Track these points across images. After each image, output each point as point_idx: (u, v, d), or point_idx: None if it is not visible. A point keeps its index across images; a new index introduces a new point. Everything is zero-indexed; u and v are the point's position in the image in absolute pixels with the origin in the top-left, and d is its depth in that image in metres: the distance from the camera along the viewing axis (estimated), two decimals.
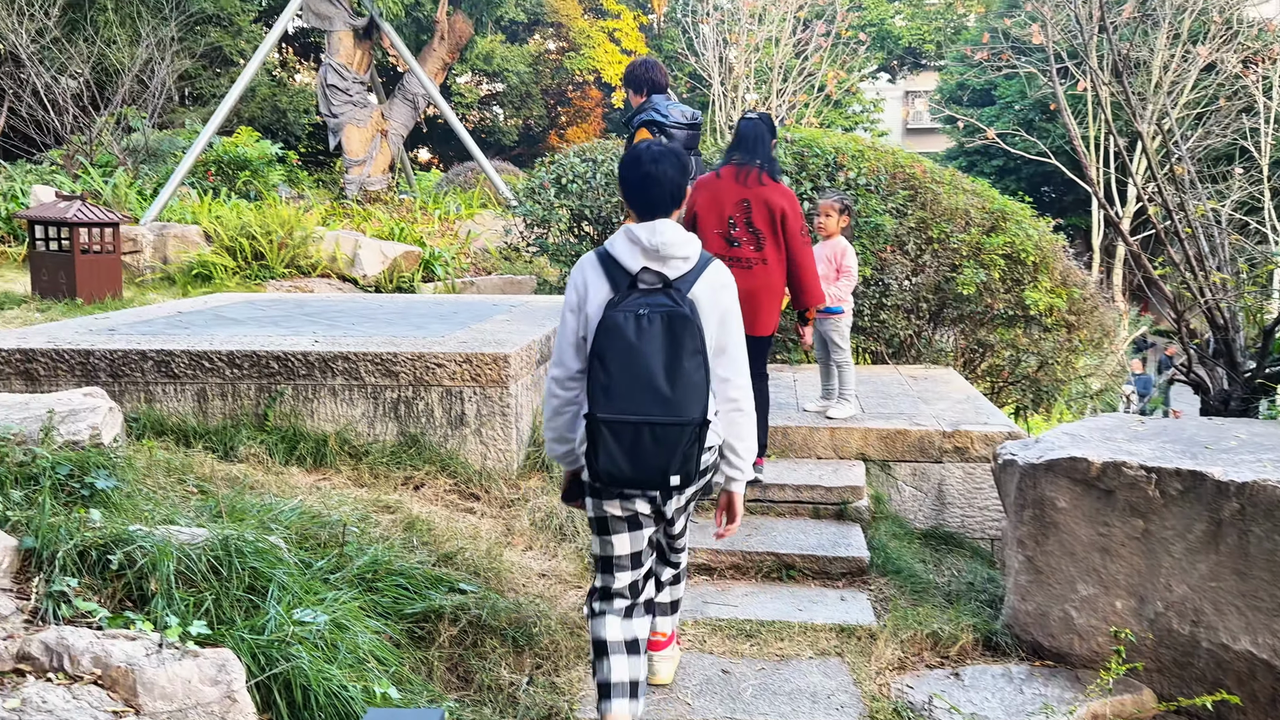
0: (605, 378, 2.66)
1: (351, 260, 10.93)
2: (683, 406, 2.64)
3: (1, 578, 2.73)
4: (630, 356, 2.64)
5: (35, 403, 3.96)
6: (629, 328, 2.65)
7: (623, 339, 2.64)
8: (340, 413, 4.93)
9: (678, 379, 2.64)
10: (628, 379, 2.65)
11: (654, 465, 2.65)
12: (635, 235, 2.79)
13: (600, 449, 2.67)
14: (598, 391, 2.67)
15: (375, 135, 15.07)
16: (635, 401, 2.64)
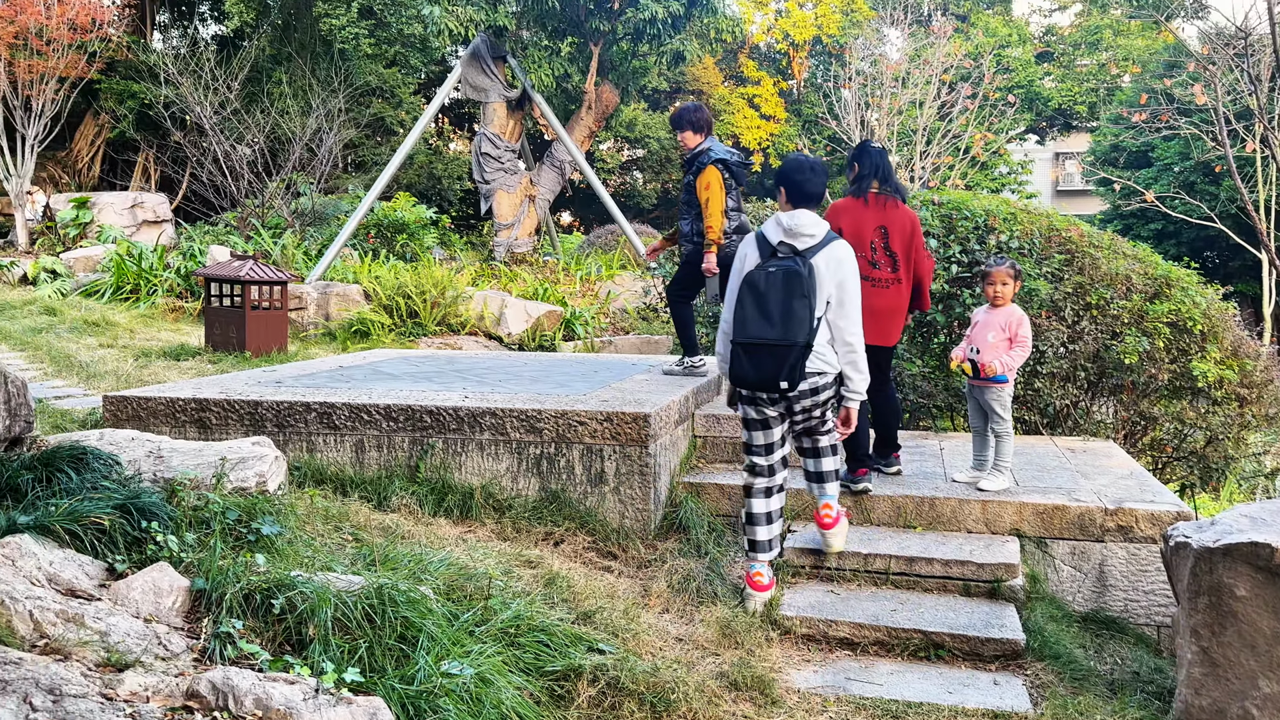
0: (742, 314, 3.96)
1: (498, 319, 11.28)
2: (789, 333, 3.86)
3: (174, 617, 2.89)
4: (757, 299, 3.91)
5: (209, 450, 4.22)
6: (760, 280, 3.93)
7: (755, 288, 3.93)
8: (486, 467, 5.05)
9: (788, 314, 3.87)
10: (755, 315, 3.91)
11: (769, 373, 3.89)
12: (779, 220, 4.07)
13: (736, 362, 3.98)
14: (737, 324, 3.97)
15: (523, 200, 15.64)
16: (758, 329, 3.89)
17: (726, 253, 5.66)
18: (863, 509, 4.99)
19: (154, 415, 5.32)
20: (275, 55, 20.73)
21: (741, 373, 3.97)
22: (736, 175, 5.71)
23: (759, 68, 31.18)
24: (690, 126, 5.77)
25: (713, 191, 5.56)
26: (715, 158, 5.61)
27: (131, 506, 3.13)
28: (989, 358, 4.95)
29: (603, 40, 15.43)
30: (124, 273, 12.45)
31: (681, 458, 5.50)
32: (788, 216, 4.03)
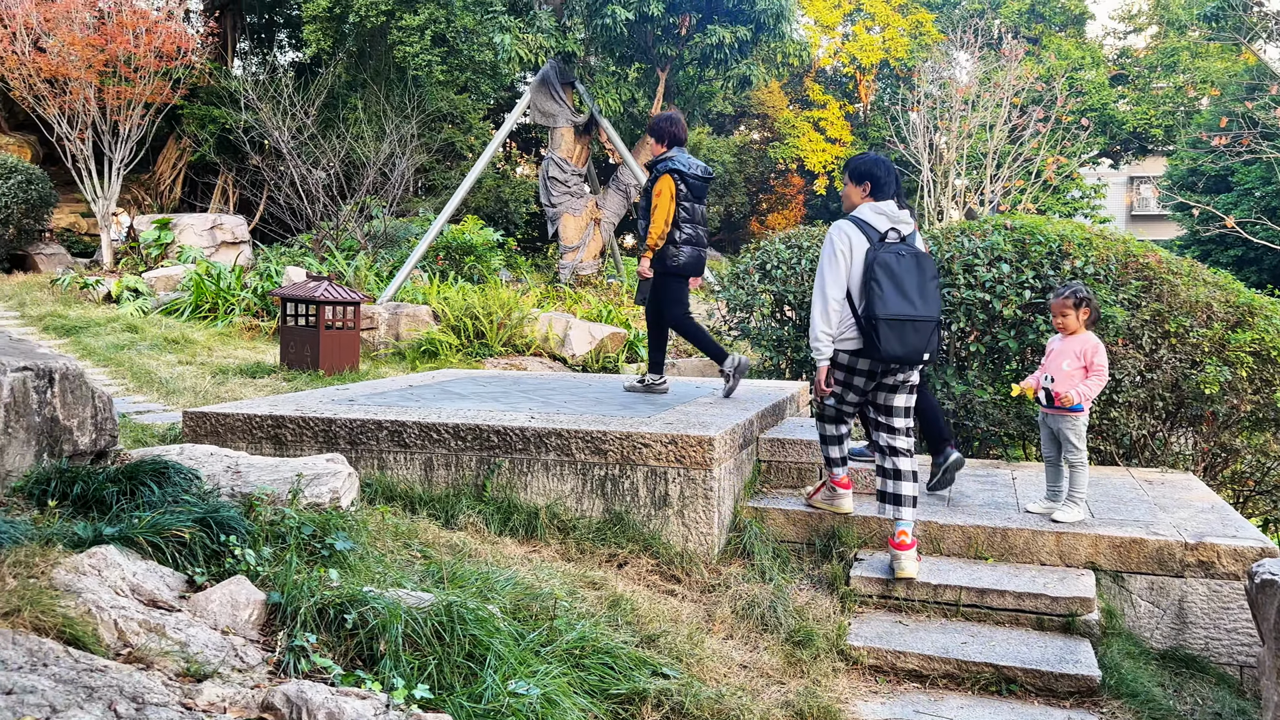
0: (881, 292, 4.26)
1: (562, 340, 11.37)
2: (930, 309, 4.32)
3: (250, 629, 2.95)
4: (895, 279, 4.29)
5: (284, 466, 4.32)
6: (893, 262, 4.31)
7: (890, 270, 4.29)
8: (551, 487, 5.08)
9: (925, 293, 4.33)
10: (895, 294, 4.27)
11: (915, 347, 4.31)
12: (880, 210, 4.48)
13: (883, 339, 4.26)
14: (875, 302, 4.27)
15: (589, 224, 15.79)
16: (900, 307, 4.26)
17: (677, 263, 5.79)
18: (932, 539, 4.91)
19: (232, 431, 5.47)
20: (351, 82, 21.30)
21: (890, 349, 4.29)
22: (693, 188, 5.76)
23: (825, 91, 31.10)
24: (654, 134, 5.94)
25: (662, 199, 5.69)
26: (671, 167, 5.71)
27: (211, 520, 3.22)
28: (1063, 387, 4.88)
29: (670, 65, 15.55)
30: (203, 292, 12.85)
31: (745, 482, 5.47)
32: (887, 207, 4.49)
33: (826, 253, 4.43)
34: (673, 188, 5.70)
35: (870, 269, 4.30)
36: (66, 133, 16.47)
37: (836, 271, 4.40)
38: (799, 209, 33.27)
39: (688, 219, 5.79)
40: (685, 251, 5.81)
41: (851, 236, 4.40)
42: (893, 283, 4.28)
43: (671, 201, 5.70)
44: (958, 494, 5.48)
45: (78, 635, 2.45)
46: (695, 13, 14.61)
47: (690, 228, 5.80)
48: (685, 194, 5.75)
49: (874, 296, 4.26)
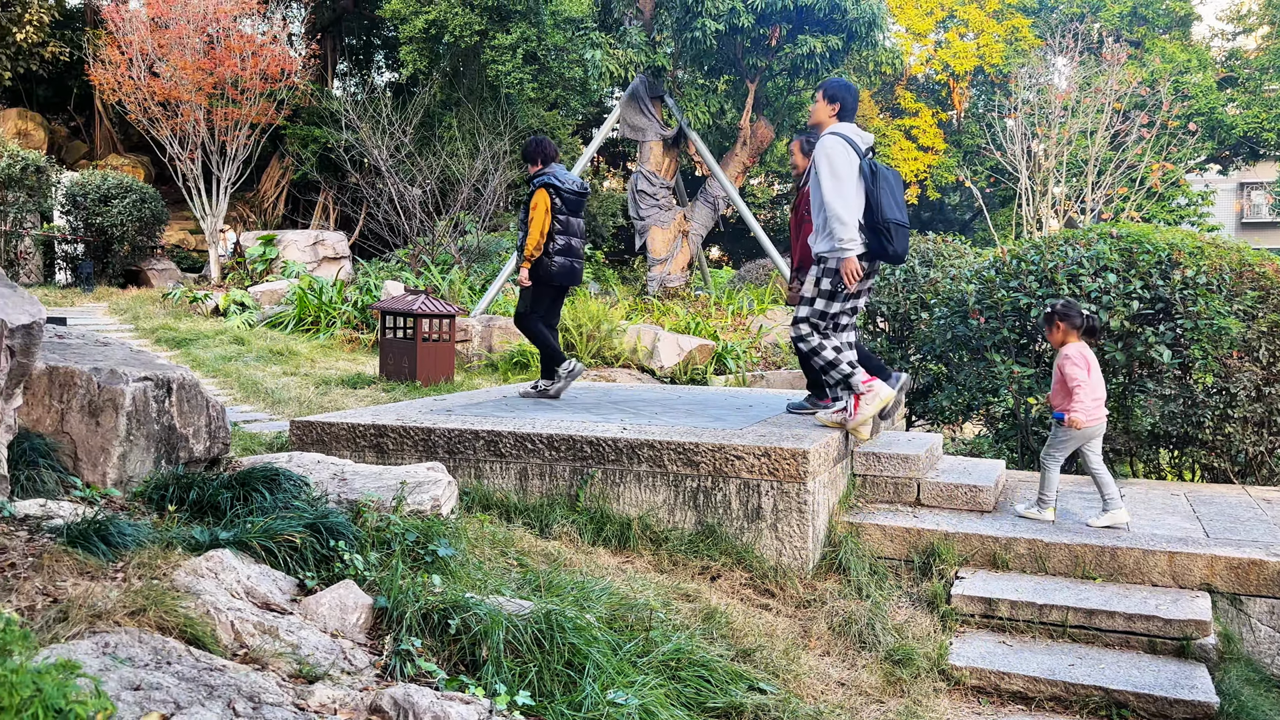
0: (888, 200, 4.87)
1: (650, 352, 11.41)
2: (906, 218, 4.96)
3: (358, 633, 3.03)
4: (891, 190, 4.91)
5: (388, 474, 4.44)
6: (890, 176, 4.95)
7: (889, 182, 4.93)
8: (643, 498, 5.10)
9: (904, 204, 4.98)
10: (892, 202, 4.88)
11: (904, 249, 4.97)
12: (856, 130, 5.05)
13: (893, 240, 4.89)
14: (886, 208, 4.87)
15: (677, 236, 15.83)
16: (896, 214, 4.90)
17: (549, 272, 6.19)
18: (1038, 557, 4.76)
19: (336, 440, 5.64)
20: (445, 101, 21.83)
21: (897, 249, 4.90)
22: (568, 202, 6.17)
23: (916, 99, 30.57)
24: (527, 158, 6.40)
25: (537, 212, 6.08)
26: (546, 181, 6.13)
27: (320, 526, 3.32)
28: (1054, 401, 5.25)
29: (759, 76, 15.51)
30: (305, 305, 13.30)
31: (840, 496, 5.39)
32: (857, 128, 5.08)
33: (838, 159, 4.89)
34: (548, 201, 6.10)
35: (876, 179, 4.88)
36: (177, 153, 17.26)
37: (852, 175, 4.89)
38: None
39: (562, 231, 6.18)
40: (558, 262, 6.19)
41: (849, 151, 4.92)
42: (891, 194, 4.89)
43: (547, 214, 6.09)
44: (1063, 512, 5.31)
45: (197, 635, 2.55)
46: (785, 23, 14.55)
47: (564, 239, 6.17)
48: (560, 207, 6.15)
49: (884, 204, 4.84)
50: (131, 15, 17.77)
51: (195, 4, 17.27)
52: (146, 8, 17.87)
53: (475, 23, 19.63)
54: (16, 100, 23.59)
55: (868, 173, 4.89)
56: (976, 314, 7.21)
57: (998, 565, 4.83)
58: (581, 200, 6.29)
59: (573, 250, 6.21)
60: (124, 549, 2.92)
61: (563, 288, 6.39)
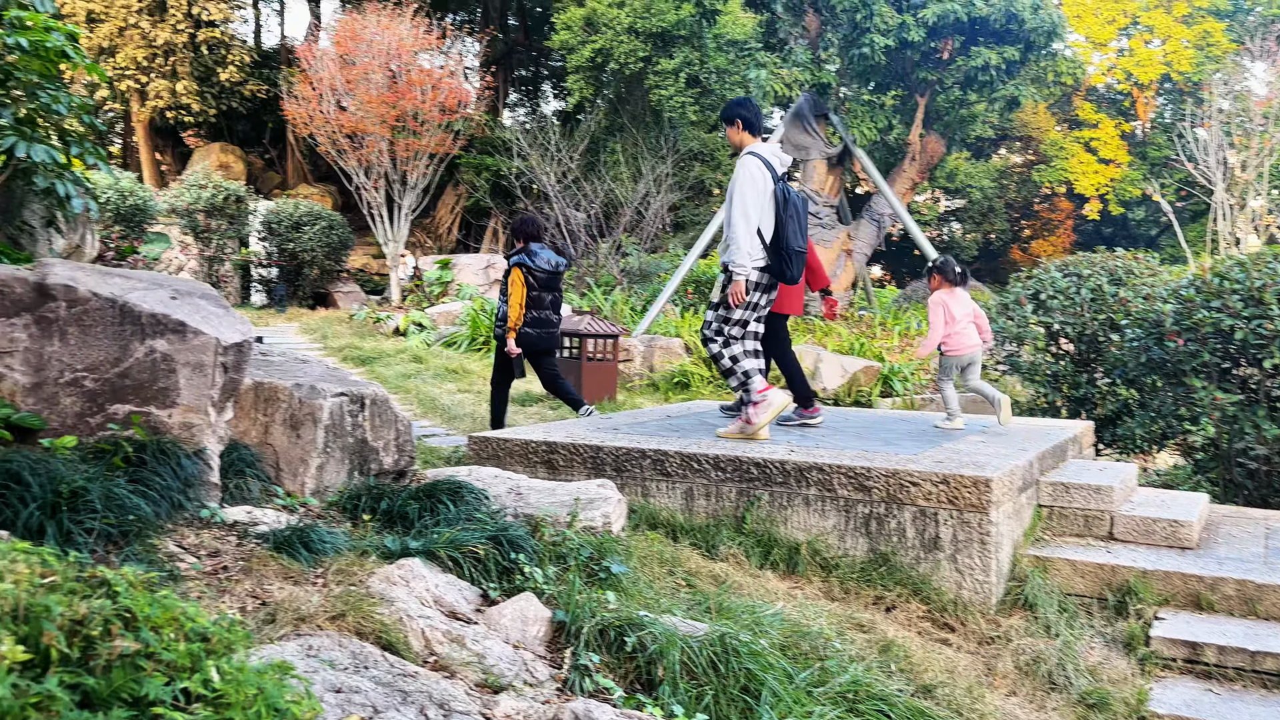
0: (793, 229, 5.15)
1: (812, 373, 11.23)
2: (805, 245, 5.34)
3: (538, 645, 3.09)
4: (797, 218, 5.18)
5: (560, 490, 4.52)
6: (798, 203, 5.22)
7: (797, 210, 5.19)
8: (812, 522, 4.99)
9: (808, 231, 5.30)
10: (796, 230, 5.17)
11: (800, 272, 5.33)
12: (774, 151, 5.32)
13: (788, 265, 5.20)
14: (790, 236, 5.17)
15: (840, 255, 15.57)
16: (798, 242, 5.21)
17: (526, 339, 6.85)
18: (1248, 600, 4.36)
19: (509, 455, 5.80)
20: (609, 127, 22.33)
21: (794, 274, 5.26)
22: (540, 280, 6.77)
23: (1097, 110, 29.01)
24: (514, 234, 7.05)
25: (514, 288, 6.74)
26: (519, 261, 6.77)
27: (501, 538, 3.41)
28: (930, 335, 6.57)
29: (929, 90, 15.10)
30: (478, 326, 13.83)
31: (1025, 528, 5.11)
32: (776, 149, 5.33)
33: (749, 183, 5.13)
34: (521, 279, 6.75)
35: (786, 206, 5.15)
36: (363, 182, 18.35)
37: (761, 198, 5.15)
38: (1067, 235, 31.14)
39: (534, 305, 6.81)
40: (530, 333, 6.85)
41: (766, 174, 5.15)
42: (797, 221, 5.18)
43: (522, 289, 6.75)
44: (1275, 549, 4.86)
45: (391, 641, 2.65)
46: (958, 36, 14.11)
47: (538, 312, 6.83)
48: (533, 284, 6.78)
49: (789, 231, 5.14)
50: (322, 54, 19.07)
51: (380, 41, 18.36)
52: (336, 46, 19.15)
53: (640, 50, 20.01)
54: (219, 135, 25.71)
55: (780, 198, 5.17)
56: (1174, 336, 6.72)
57: (1202, 606, 4.46)
58: (556, 278, 6.88)
59: (546, 321, 6.88)
60: (323, 555, 3.09)
61: (538, 352, 6.99)
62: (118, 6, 21.45)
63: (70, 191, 11.67)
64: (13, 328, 3.40)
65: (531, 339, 6.85)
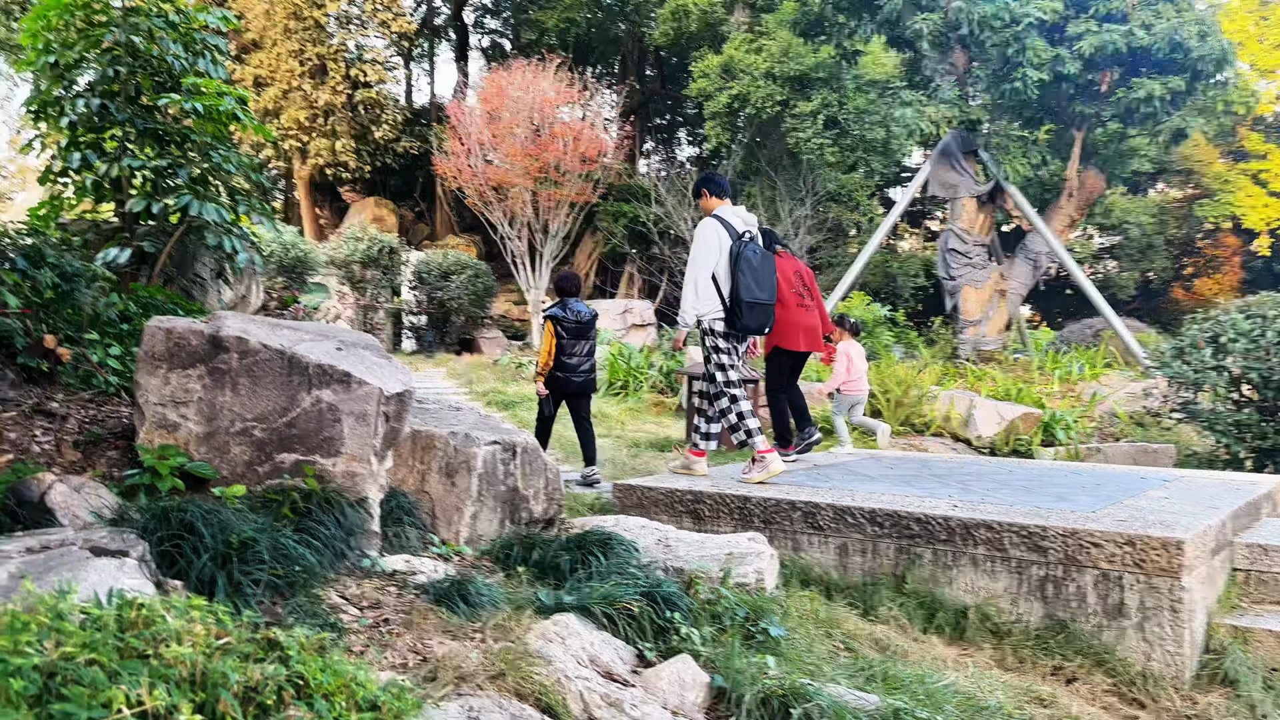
0: (746, 282, 5.60)
1: (965, 420, 10.73)
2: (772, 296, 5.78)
3: (696, 712, 2.94)
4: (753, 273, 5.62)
5: (709, 542, 4.38)
6: (755, 259, 5.67)
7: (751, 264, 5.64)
8: (980, 584, 4.67)
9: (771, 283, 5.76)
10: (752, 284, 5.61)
11: (762, 323, 5.78)
12: (736, 212, 5.87)
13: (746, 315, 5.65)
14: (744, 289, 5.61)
15: (992, 296, 14.95)
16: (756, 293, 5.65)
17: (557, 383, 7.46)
18: None
19: (654, 504, 5.71)
20: (745, 170, 22.31)
21: (749, 323, 5.71)
22: (570, 330, 7.34)
23: (1266, 140, 27.13)
24: (554, 288, 7.80)
25: (545, 338, 7.43)
26: (551, 314, 7.41)
27: (655, 595, 3.29)
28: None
29: (1086, 124, 14.42)
30: (616, 370, 13.89)
31: (1219, 594, 4.65)
32: (740, 211, 5.90)
33: (703, 243, 5.69)
34: (552, 330, 7.37)
35: (738, 262, 5.62)
36: (507, 232, 18.87)
37: (716, 260, 5.68)
38: (1234, 273, 29.06)
39: (565, 354, 7.38)
40: (559, 376, 7.43)
41: (721, 233, 5.70)
42: (753, 276, 5.62)
43: (552, 339, 7.37)
44: None
45: (550, 704, 2.56)
46: (1117, 67, 13.45)
47: (568, 359, 7.40)
48: (563, 334, 7.34)
49: (741, 285, 5.60)
50: (470, 111, 19.83)
51: (524, 97, 18.95)
52: (482, 103, 19.88)
53: (777, 93, 19.95)
54: (373, 190, 27.01)
55: (733, 254, 5.66)
56: None
57: None
58: (586, 328, 7.46)
59: (577, 368, 7.46)
60: (480, 608, 3.04)
61: (571, 394, 7.61)
62: (282, 71, 22.94)
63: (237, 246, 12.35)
64: (188, 378, 3.54)
65: (559, 382, 7.47)
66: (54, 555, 2.30)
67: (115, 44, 10.75)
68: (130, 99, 10.98)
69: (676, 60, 27.96)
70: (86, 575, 2.25)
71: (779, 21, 20.05)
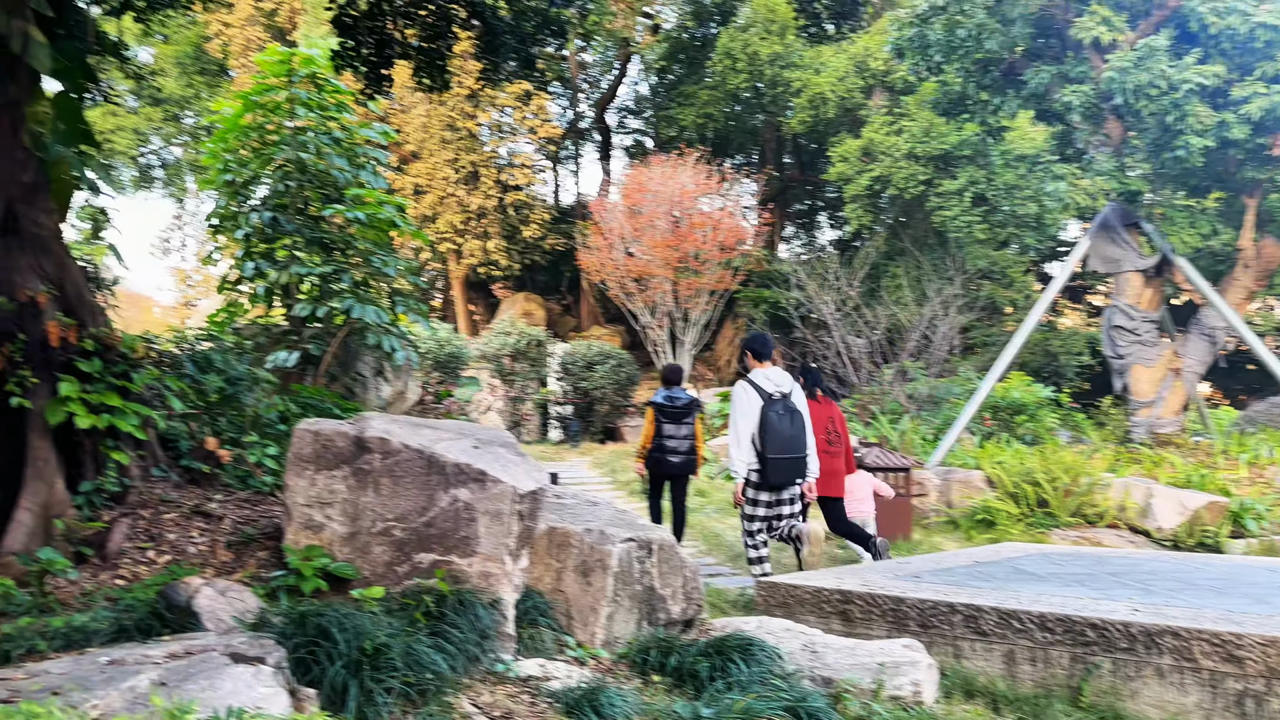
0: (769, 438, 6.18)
1: (1143, 510, 9.93)
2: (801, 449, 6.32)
3: None
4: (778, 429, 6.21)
5: (860, 649, 4.11)
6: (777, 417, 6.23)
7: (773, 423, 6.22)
8: (1168, 698, 4.20)
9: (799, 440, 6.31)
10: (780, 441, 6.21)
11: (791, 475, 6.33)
12: (767, 375, 6.42)
13: (771, 470, 6.22)
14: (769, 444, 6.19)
15: (1166, 374, 13.97)
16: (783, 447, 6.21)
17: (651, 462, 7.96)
18: None
19: (800, 603, 5.44)
20: (889, 252, 21.94)
21: (774, 477, 6.24)
22: (668, 414, 7.86)
23: None
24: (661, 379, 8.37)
25: (646, 421, 8.01)
26: (650, 402, 8.05)
27: (800, 711, 3.08)
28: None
29: (1258, 191, 13.49)
30: None
31: None
32: (773, 373, 6.44)
33: (738, 404, 6.33)
34: (652, 415, 7.95)
35: (764, 423, 6.17)
36: (648, 322, 19.10)
37: (747, 421, 6.24)
38: None
39: (664, 436, 7.87)
40: (655, 457, 7.91)
41: (750, 396, 6.30)
42: (774, 431, 6.16)
43: (651, 424, 7.93)
44: None
45: None
46: None
47: (667, 441, 7.85)
48: (662, 419, 7.87)
49: (766, 440, 6.15)
50: (612, 206, 20.39)
51: (664, 190, 19.36)
52: (624, 199, 20.43)
53: (920, 173, 19.65)
54: (522, 285, 28.00)
55: (762, 415, 6.18)
56: None
57: None
58: (683, 411, 7.94)
59: (669, 450, 7.91)
60: None
61: (666, 475, 8.04)
62: (438, 179, 24.28)
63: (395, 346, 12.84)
64: (334, 479, 3.62)
65: (658, 463, 7.97)
66: (195, 661, 2.33)
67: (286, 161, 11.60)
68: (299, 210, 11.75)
69: (815, 146, 28.05)
70: (223, 683, 2.26)
71: (919, 102, 19.87)
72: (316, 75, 10.99)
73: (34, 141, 4.37)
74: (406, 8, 7.33)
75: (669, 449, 7.96)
